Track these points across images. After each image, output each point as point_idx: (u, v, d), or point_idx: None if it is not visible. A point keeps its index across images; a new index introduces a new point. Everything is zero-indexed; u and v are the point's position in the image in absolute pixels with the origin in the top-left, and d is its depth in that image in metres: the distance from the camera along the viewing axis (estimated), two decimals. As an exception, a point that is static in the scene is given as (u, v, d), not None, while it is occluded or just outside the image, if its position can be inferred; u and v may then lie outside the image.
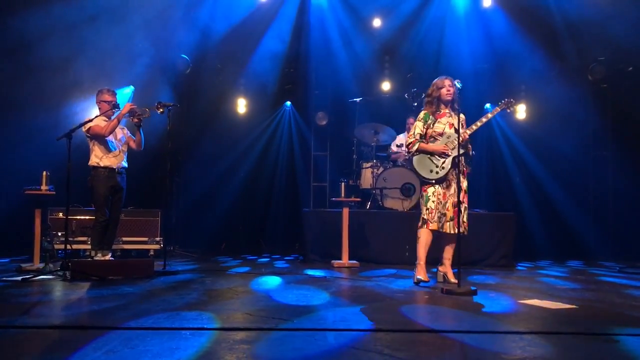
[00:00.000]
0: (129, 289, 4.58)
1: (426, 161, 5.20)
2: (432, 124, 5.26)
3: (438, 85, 5.27)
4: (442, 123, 5.23)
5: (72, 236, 7.08)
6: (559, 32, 9.20)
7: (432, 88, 5.32)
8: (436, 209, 5.11)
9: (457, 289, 4.57)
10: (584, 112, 9.68)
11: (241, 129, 10.12)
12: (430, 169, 5.17)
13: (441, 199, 5.12)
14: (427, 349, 2.71)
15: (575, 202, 9.49)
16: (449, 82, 5.21)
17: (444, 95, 5.22)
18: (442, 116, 5.26)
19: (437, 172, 5.14)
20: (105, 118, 6.16)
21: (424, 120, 5.28)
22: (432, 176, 5.15)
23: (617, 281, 6.03)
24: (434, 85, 5.31)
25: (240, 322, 3.30)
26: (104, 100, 6.21)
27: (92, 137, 6.10)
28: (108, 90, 6.28)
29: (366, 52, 9.97)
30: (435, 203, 5.12)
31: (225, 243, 9.56)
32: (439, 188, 5.14)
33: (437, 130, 5.23)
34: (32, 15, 7.66)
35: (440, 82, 5.27)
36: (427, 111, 5.31)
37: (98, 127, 6.02)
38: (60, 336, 2.95)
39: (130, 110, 6.15)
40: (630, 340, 3.05)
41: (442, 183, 5.15)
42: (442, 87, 5.22)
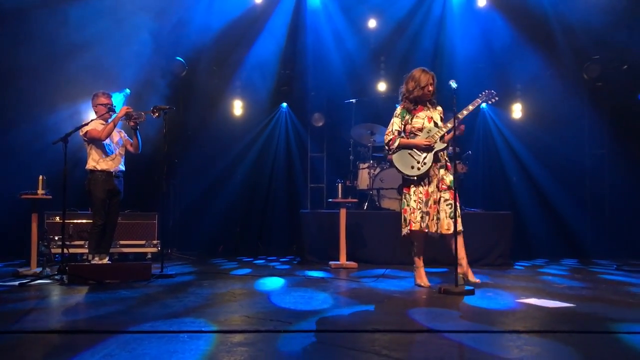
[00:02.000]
0: (127, 293, 4.57)
1: (407, 157, 5.02)
2: (410, 119, 5.10)
3: (420, 83, 5.01)
4: (421, 117, 5.06)
5: (69, 240, 7.06)
6: (554, 31, 9.22)
7: (413, 84, 5.05)
8: (418, 208, 4.94)
9: (454, 288, 4.57)
10: (579, 111, 9.70)
11: (237, 131, 10.11)
12: (411, 165, 5.00)
13: (423, 198, 4.96)
14: (425, 349, 2.71)
15: (572, 201, 9.50)
16: (432, 79, 5.01)
17: (426, 95, 5.03)
18: (419, 111, 5.10)
19: (419, 168, 4.96)
20: (102, 121, 6.15)
21: (401, 116, 5.13)
22: (413, 172, 4.98)
23: (614, 278, 6.04)
24: (415, 81, 5.04)
25: (238, 324, 3.30)
26: (100, 103, 6.21)
27: (89, 141, 6.09)
28: (104, 94, 6.27)
29: (361, 52, 9.98)
30: (417, 202, 4.95)
31: (223, 245, 9.54)
32: (420, 187, 4.98)
33: (416, 126, 5.07)
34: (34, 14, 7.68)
35: (424, 79, 5.01)
36: (405, 107, 5.14)
37: (95, 130, 6.02)
38: (58, 341, 2.95)
39: (127, 114, 6.14)
40: (628, 338, 3.06)
41: (423, 180, 4.98)
42: (425, 86, 5.00)
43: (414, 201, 4.97)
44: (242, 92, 10.11)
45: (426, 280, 5.01)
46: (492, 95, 5.25)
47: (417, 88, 5.02)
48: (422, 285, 4.95)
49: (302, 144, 10.47)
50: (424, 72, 5.05)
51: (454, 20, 9.69)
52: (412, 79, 5.08)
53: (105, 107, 6.18)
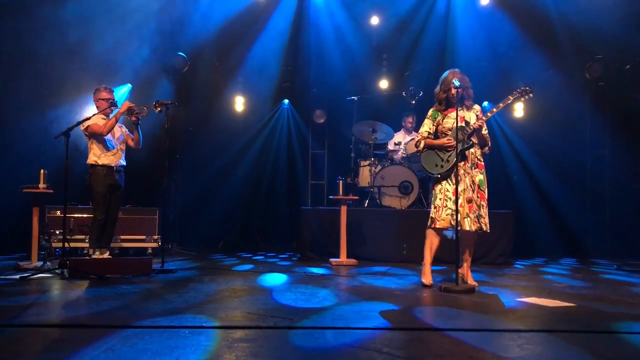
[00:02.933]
0: (128, 288, 4.58)
1: (432, 156, 5.07)
2: (442, 120, 5.10)
3: (446, 85, 5.01)
4: (452, 118, 4.98)
5: (70, 234, 7.07)
6: (557, 30, 9.20)
7: (440, 87, 5.10)
8: (443, 206, 4.91)
9: (455, 287, 4.58)
10: (581, 110, 9.70)
11: (239, 127, 10.11)
12: (435, 163, 5.04)
13: (450, 196, 4.89)
14: (426, 347, 2.71)
15: (573, 200, 9.50)
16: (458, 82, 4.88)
17: (452, 97, 4.97)
18: (451, 111, 5.04)
19: (442, 166, 4.98)
20: (103, 116, 6.14)
21: (432, 118, 5.16)
22: (437, 170, 5.01)
23: (615, 278, 6.05)
24: (442, 83, 5.08)
25: (239, 320, 3.30)
26: (101, 98, 6.19)
27: (90, 136, 6.08)
28: (105, 88, 6.26)
29: (364, 50, 9.98)
30: (442, 200, 4.93)
31: (223, 241, 9.55)
32: (446, 184, 4.96)
33: (446, 126, 5.06)
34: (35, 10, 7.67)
35: (448, 82, 4.97)
36: (436, 108, 5.16)
37: (96, 125, 6.01)
38: (59, 335, 2.95)
39: (129, 109, 6.13)
40: (629, 338, 3.06)
41: (448, 178, 4.95)
42: (449, 90, 4.96)
43: (440, 199, 4.96)
44: (243, 87, 10.11)
45: (430, 278, 4.96)
46: (527, 92, 5.10)
47: (441, 91, 5.08)
48: (426, 283, 4.91)
49: (304, 141, 10.47)
50: (452, 73, 5.05)
51: (456, 18, 9.67)
52: (441, 81, 5.11)
53: (106, 102, 6.17)
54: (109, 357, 2.43)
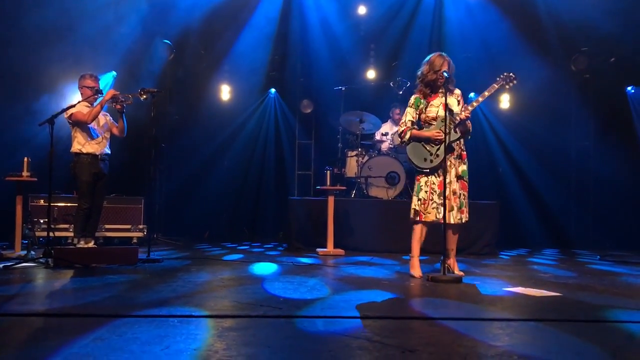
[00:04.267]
0: (114, 277, 4.54)
1: (420, 149, 4.90)
2: (425, 108, 4.93)
3: (435, 67, 4.82)
4: (435, 106, 4.88)
5: (54, 223, 6.98)
6: (543, 22, 9.25)
7: (427, 68, 4.88)
8: (429, 199, 4.85)
9: (442, 276, 4.59)
10: (566, 102, 9.79)
11: (225, 116, 10.05)
12: (424, 157, 4.88)
13: (436, 189, 4.84)
14: (416, 336, 2.72)
15: (558, 191, 9.61)
16: (447, 64, 4.80)
17: (439, 80, 4.81)
18: (434, 98, 4.92)
19: (432, 161, 4.84)
20: (87, 104, 6.06)
21: (415, 106, 4.97)
22: (426, 165, 4.87)
23: (599, 268, 6.13)
24: (430, 64, 4.86)
25: (228, 310, 3.28)
26: (86, 85, 6.11)
27: (74, 124, 6.00)
28: (91, 76, 6.17)
29: (351, 40, 9.95)
30: (429, 193, 4.85)
31: (209, 231, 9.51)
32: (432, 177, 4.87)
33: (430, 115, 4.90)
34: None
35: (438, 63, 4.82)
36: (418, 95, 4.98)
37: (80, 113, 5.93)
38: (46, 324, 2.91)
39: (114, 97, 6.05)
40: (615, 327, 3.10)
41: (436, 171, 4.86)
42: (439, 71, 4.78)
43: (425, 192, 4.87)
44: (230, 76, 10.03)
45: (419, 270, 4.90)
46: (511, 79, 4.95)
47: (431, 72, 4.85)
48: (415, 275, 4.87)
49: (291, 131, 10.45)
50: (440, 56, 4.87)
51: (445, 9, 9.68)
52: (427, 62, 4.90)
53: (91, 90, 6.09)
54: (97, 346, 2.40)
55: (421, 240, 4.98)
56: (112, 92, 6.10)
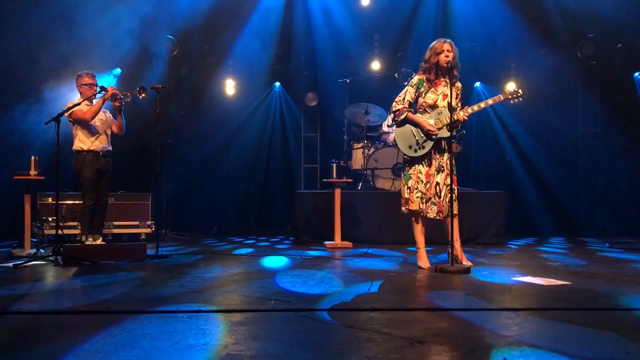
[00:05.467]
0: (123, 273, 4.56)
1: (408, 134, 4.83)
2: (425, 92, 4.85)
3: (436, 50, 4.77)
4: (436, 93, 4.83)
5: (63, 221, 7.02)
6: (548, 9, 9.17)
7: (430, 53, 4.82)
8: (415, 188, 4.82)
9: (450, 267, 4.59)
10: (573, 89, 9.72)
11: (230, 111, 10.06)
12: (409, 144, 4.82)
13: (422, 178, 4.82)
14: (425, 327, 2.72)
15: (565, 179, 9.56)
16: (449, 46, 4.74)
17: (442, 62, 4.72)
18: (437, 85, 4.85)
19: (416, 150, 4.79)
20: (88, 102, 6.09)
21: (416, 87, 4.85)
22: (409, 153, 4.83)
23: (608, 255, 6.11)
24: (432, 49, 4.81)
25: (237, 304, 3.30)
26: (84, 83, 6.15)
27: (74, 122, 6.05)
28: (87, 74, 6.21)
29: (355, 32, 9.91)
30: (416, 182, 4.82)
31: (217, 226, 9.54)
32: (419, 166, 4.84)
33: (428, 101, 4.83)
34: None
35: (439, 46, 4.77)
36: (422, 77, 4.87)
37: (80, 111, 5.97)
38: (56, 322, 2.93)
39: (113, 95, 6.09)
40: (625, 315, 3.09)
41: (423, 160, 4.83)
42: (441, 52, 4.73)
43: (413, 180, 4.85)
44: (234, 71, 10.03)
45: (427, 261, 4.89)
46: (517, 95, 4.89)
47: (432, 55, 4.79)
48: (423, 267, 4.84)
49: (296, 124, 10.44)
50: (439, 41, 4.82)
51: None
52: (429, 48, 4.86)
53: (89, 87, 6.12)
54: (107, 342, 2.41)
55: (423, 231, 4.96)
56: (112, 90, 6.12)
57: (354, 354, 2.26)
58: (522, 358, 2.19)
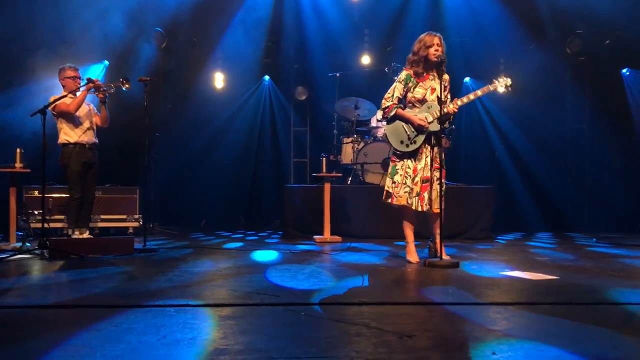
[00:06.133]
0: (110, 268, 4.52)
1: (399, 130, 4.81)
2: (413, 87, 4.80)
3: (426, 43, 4.71)
4: (424, 88, 4.78)
5: (49, 214, 6.94)
6: (538, 5, 9.19)
7: (419, 45, 4.76)
8: (403, 182, 4.78)
9: (439, 261, 4.59)
10: (561, 85, 9.77)
11: (219, 104, 10.00)
12: (401, 139, 4.80)
13: (410, 173, 4.78)
14: (414, 321, 2.71)
15: (553, 175, 9.63)
16: (438, 40, 4.70)
17: (432, 56, 4.67)
18: (424, 79, 4.80)
19: (407, 145, 4.77)
20: (72, 96, 6.03)
21: (404, 82, 4.81)
22: (401, 148, 4.81)
23: (595, 250, 6.15)
24: (421, 42, 4.75)
25: (225, 298, 3.27)
26: (67, 76, 6.10)
27: (58, 115, 6.00)
28: (70, 67, 6.16)
29: (345, 25, 9.88)
30: (403, 177, 4.79)
31: (205, 220, 9.50)
32: (408, 161, 4.80)
33: (416, 96, 4.78)
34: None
35: (429, 40, 4.71)
36: (409, 72, 4.84)
37: (64, 104, 5.92)
38: (42, 316, 2.89)
39: (96, 86, 6.04)
40: (612, 309, 3.10)
41: (413, 156, 4.80)
42: (431, 46, 4.68)
43: (400, 175, 4.81)
44: (223, 64, 9.97)
45: (416, 256, 4.87)
46: (507, 85, 4.91)
47: (421, 48, 4.74)
48: (411, 261, 4.82)
49: (286, 118, 10.41)
50: (429, 34, 4.77)
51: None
52: (418, 40, 4.82)
53: (72, 80, 6.07)
54: (94, 337, 2.38)
55: (411, 226, 4.93)
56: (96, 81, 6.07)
57: (343, 348, 2.24)
58: (510, 352, 2.19)
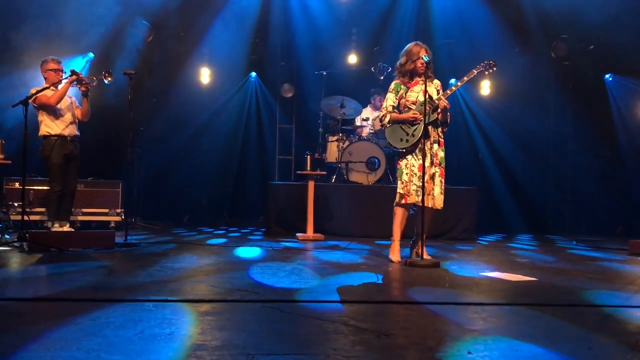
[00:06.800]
0: (90, 261, 4.48)
1: (397, 131, 4.96)
2: (405, 93, 4.99)
3: (412, 56, 4.90)
4: (415, 91, 4.95)
5: (29, 207, 6.87)
6: (524, 9, 9.27)
7: (406, 58, 4.95)
8: (410, 181, 4.87)
9: (420, 261, 4.62)
10: (545, 89, 9.86)
11: (204, 99, 9.95)
12: (400, 137, 4.93)
13: (416, 171, 4.86)
14: (392, 320, 2.73)
15: (536, 177, 9.73)
16: (424, 52, 4.86)
17: (419, 69, 4.88)
18: (415, 84, 4.98)
19: (407, 140, 4.89)
20: (54, 88, 5.98)
21: (395, 92, 5.03)
22: (402, 145, 4.92)
23: (575, 253, 6.23)
24: (408, 54, 4.94)
25: (204, 294, 3.26)
26: (49, 69, 6.04)
27: (39, 107, 5.94)
28: (53, 60, 6.10)
29: (333, 24, 9.88)
30: (410, 175, 4.88)
31: (188, 215, 9.45)
32: (412, 159, 4.90)
33: (410, 99, 4.96)
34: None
35: (415, 53, 4.89)
36: (398, 81, 5.05)
37: (45, 96, 5.87)
38: (19, 309, 2.86)
39: (78, 79, 5.98)
40: (588, 311, 3.14)
41: (413, 153, 4.91)
42: (417, 59, 4.86)
43: (406, 174, 4.89)
44: (209, 59, 9.92)
45: (398, 255, 4.90)
46: (490, 66, 5.06)
47: (409, 61, 4.93)
48: (394, 260, 4.86)
49: (272, 115, 10.39)
50: (417, 45, 4.93)
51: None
52: (405, 52, 4.98)
53: (54, 73, 6.01)
54: (70, 330, 2.36)
55: (402, 225, 4.97)
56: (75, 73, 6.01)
57: (320, 345, 2.25)
58: (486, 351, 2.21)
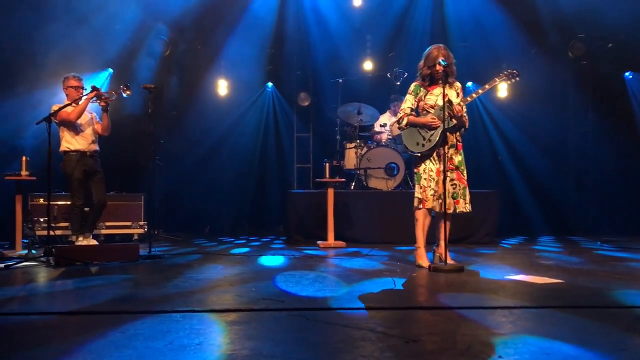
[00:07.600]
0: (115, 274, 4.53)
1: (414, 134, 4.92)
2: (424, 95, 4.96)
3: (429, 61, 4.86)
4: (435, 94, 4.90)
5: (54, 222, 6.97)
6: (540, 9, 9.21)
7: (423, 63, 4.93)
8: (428, 186, 4.85)
9: (444, 266, 4.59)
10: (564, 89, 9.78)
11: (223, 111, 10.03)
12: (416, 141, 4.90)
13: (434, 176, 4.86)
14: (420, 326, 2.72)
15: (557, 178, 9.61)
16: (442, 57, 4.77)
17: (436, 74, 4.84)
18: (434, 87, 4.93)
19: (423, 145, 4.85)
20: (75, 105, 6.08)
21: (414, 93, 5.00)
22: (418, 149, 4.89)
23: (601, 253, 6.14)
24: (426, 59, 4.91)
25: (230, 303, 3.28)
26: (70, 86, 6.16)
27: (60, 123, 6.06)
28: (74, 77, 6.22)
29: (347, 32, 9.90)
30: (427, 180, 4.87)
31: (210, 226, 9.51)
32: (429, 164, 4.88)
33: (428, 103, 4.92)
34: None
35: (432, 58, 4.83)
36: (418, 83, 5.02)
37: (65, 112, 5.98)
38: (49, 323, 2.90)
39: (97, 94, 6.09)
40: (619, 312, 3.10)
41: (430, 157, 4.88)
42: (434, 65, 4.81)
43: (424, 179, 4.88)
44: (226, 71, 10.00)
45: (427, 260, 4.88)
46: (514, 76, 4.96)
47: (425, 67, 4.91)
48: (422, 265, 4.83)
49: (289, 124, 10.43)
50: (436, 49, 4.87)
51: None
52: (424, 56, 4.94)
53: (75, 90, 6.12)
54: (100, 343, 2.40)
55: (425, 229, 4.95)
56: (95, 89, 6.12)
57: (349, 352, 2.25)
58: (517, 355, 2.20)
